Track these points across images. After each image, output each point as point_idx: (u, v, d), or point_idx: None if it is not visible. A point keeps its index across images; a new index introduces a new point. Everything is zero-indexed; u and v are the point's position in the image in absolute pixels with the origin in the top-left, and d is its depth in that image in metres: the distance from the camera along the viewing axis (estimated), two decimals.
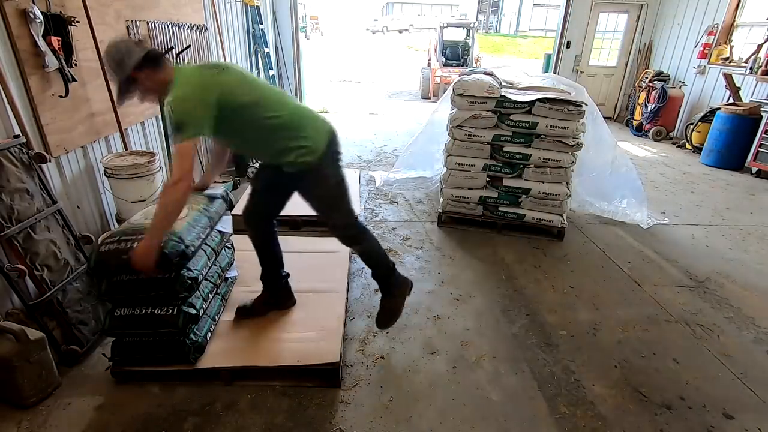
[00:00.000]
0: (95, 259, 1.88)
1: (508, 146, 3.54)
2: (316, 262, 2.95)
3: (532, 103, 3.35)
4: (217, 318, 2.32)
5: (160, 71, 1.82)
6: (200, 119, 1.74)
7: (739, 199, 4.73)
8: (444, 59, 10.84)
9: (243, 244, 3.03)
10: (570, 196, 3.60)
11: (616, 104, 8.51)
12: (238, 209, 3.59)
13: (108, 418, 1.91)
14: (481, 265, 3.25)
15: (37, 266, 2.14)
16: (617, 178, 4.01)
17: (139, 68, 1.76)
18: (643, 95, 7.31)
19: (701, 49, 6.70)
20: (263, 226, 2.32)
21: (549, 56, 9.10)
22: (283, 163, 1.99)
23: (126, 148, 3.11)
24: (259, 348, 2.18)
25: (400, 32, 35.22)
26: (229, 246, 2.67)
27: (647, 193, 4.63)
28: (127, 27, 3.17)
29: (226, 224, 2.50)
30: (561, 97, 3.32)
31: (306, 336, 2.24)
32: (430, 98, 10.57)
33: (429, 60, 11.65)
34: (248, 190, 2.41)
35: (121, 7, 3.10)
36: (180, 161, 1.73)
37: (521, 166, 3.57)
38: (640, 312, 2.78)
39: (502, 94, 3.44)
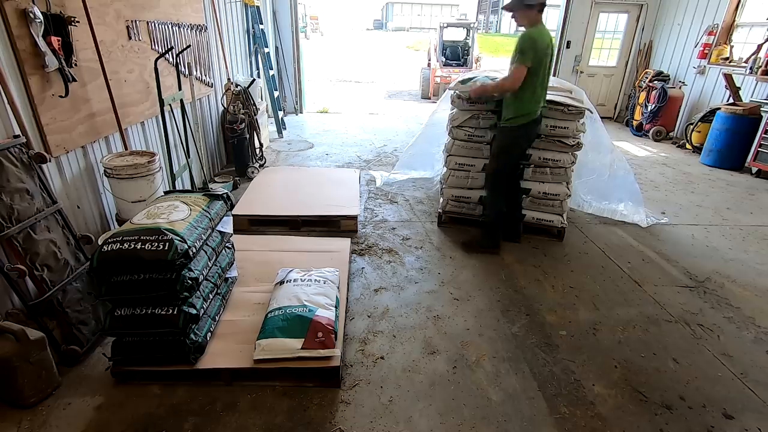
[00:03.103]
0: (98, 259, 1.88)
1: None
2: (316, 262, 2.94)
3: None
4: (217, 318, 2.32)
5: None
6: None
7: (739, 199, 4.73)
8: (444, 59, 10.84)
9: (243, 244, 3.05)
10: (570, 196, 3.60)
11: (616, 104, 8.51)
12: (239, 209, 3.64)
13: (108, 418, 1.91)
14: (481, 265, 3.25)
15: (37, 266, 2.14)
16: (615, 181, 4.01)
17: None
18: (643, 95, 7.31)
19: (701, 49, 6.70)
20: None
21: None
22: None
23: (126, 148, 3.11)
24: None
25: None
26: (230, 246, 2.67)
27: (647, 193, 4.65)
28: (127, 27, 3.17)
29: (226, 225, 2.50)
30: (562, 100, 3.32)
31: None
32: (430, 98, 10.58)
33: (429, 60, 11.66)
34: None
35: (121, 7, 3.10)
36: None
37: (521, 166, 3.57)
38: (640, 312, 2.78)
39: None
